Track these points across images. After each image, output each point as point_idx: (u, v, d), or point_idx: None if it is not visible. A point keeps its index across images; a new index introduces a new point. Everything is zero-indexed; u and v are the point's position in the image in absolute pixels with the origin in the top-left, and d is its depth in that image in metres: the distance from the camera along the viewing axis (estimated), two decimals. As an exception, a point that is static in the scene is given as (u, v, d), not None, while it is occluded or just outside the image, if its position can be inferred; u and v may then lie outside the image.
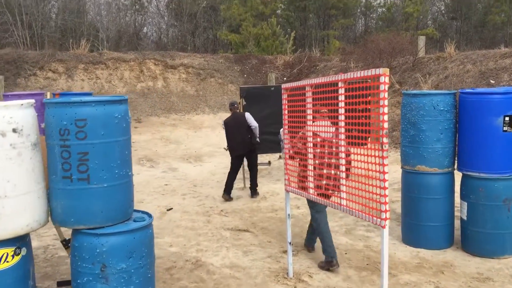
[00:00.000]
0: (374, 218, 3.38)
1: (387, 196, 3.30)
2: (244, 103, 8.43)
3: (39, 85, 16.57)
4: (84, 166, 3.44)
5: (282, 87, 4.91)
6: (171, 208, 7.48)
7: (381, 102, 3.28)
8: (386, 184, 3.30)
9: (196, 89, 18.24)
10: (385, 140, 3.28)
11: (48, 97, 7.52)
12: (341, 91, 3.86)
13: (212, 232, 6.33)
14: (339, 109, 3.87)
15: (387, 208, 3.29)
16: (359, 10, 30.52)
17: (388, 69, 3.29)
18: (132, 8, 31.60)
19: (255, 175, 8.29)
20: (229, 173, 8.18)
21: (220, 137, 14.45)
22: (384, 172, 3.29)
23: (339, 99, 3.85)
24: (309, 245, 5.57)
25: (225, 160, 11.35)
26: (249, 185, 8.32)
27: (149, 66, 18.48)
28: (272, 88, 8.69)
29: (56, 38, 27.57)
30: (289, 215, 4.84)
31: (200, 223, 6.77)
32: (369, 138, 3.60)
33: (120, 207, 3.66)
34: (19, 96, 7.05)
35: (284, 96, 4.80)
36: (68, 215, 3.54)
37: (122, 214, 3.69)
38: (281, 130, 6.88)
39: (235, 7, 25.58)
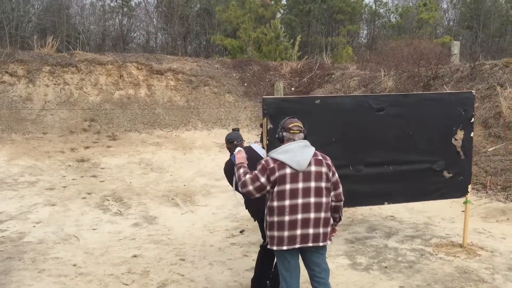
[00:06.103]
0: None
1: None
2: (270, 125, 4.59)
3: (-9, 90, 12.63)
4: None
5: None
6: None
7: None
8: None
9: (187, 99, 14.41)
10: None
11: None
12: None
13: None
14: None
15: None
16: (364, 16, 27.04)
17: None
18: (119, 11, 27.70)
19: None
20: (259, 252, 4.41)
21: (216, 162, 10.66)
22: None
23: None
24: None
25: (228, 203, 7.52)
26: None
27: (130, 70, 14.61)
28: (317, 101, 4.88)
29: (32, 40, 23.56)
30: None
31: None
32: None
33: None
34: None
35: None
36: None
37: None
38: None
39: (232, 9, 21.87)
